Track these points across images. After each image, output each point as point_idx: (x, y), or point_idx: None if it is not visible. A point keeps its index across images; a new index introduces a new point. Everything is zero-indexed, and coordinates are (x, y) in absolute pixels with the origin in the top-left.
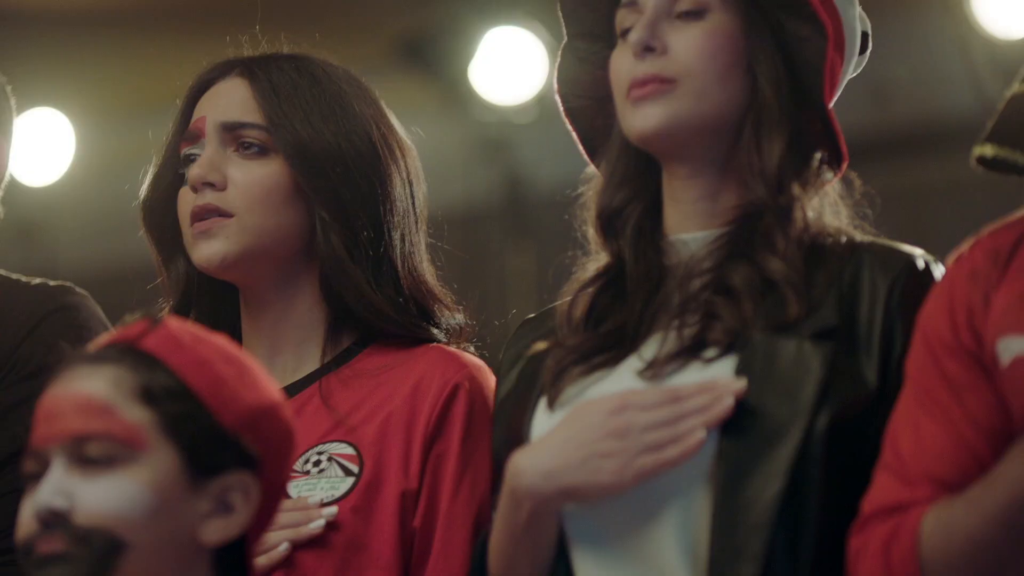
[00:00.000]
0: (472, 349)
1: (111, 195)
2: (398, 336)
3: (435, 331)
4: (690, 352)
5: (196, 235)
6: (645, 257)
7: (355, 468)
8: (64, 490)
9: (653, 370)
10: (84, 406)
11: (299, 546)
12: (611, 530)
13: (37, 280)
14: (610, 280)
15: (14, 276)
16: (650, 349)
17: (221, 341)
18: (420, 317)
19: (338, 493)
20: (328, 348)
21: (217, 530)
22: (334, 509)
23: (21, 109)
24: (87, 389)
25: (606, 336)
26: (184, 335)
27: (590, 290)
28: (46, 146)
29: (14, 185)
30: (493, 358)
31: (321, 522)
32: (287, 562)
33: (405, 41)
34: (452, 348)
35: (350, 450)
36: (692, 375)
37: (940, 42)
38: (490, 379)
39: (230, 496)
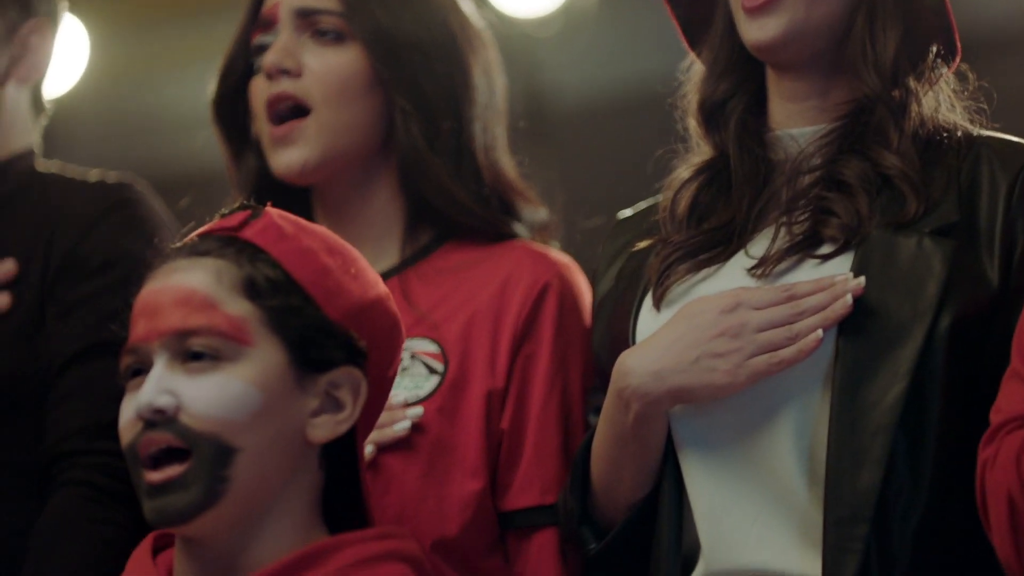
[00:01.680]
0: (558, 245)
1: (126, 103)
2: (478, 232)
3: (518, 226)
4: (803, 249)
5: (275, 141)
6: (750, 152)
7: (439, 366)
8: (168, 388)
9: (765, 268)
10: (186, 300)
11: (384, 449)
12: (722, 434)
13: (95, 177)
14: (713, 175)
15: (70, 175)
16: (759, 246)
17: (324, 230)
18: (502, 211)
19: (423, 393)
20: (407, 243)
21: (326, 427)
22: (419, 410)
23: None
24: (188, 283)
25: (712, 233)
26: (286, 224)
27: (692, 185)
28: (62, 53)
29: None
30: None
31: (407, 423)
32: (372, 465)
33: None
34: (538, 245)
35: (434, 348)
36: (806, 273)
37: None
38: (580, 278)
39: (338, 392)
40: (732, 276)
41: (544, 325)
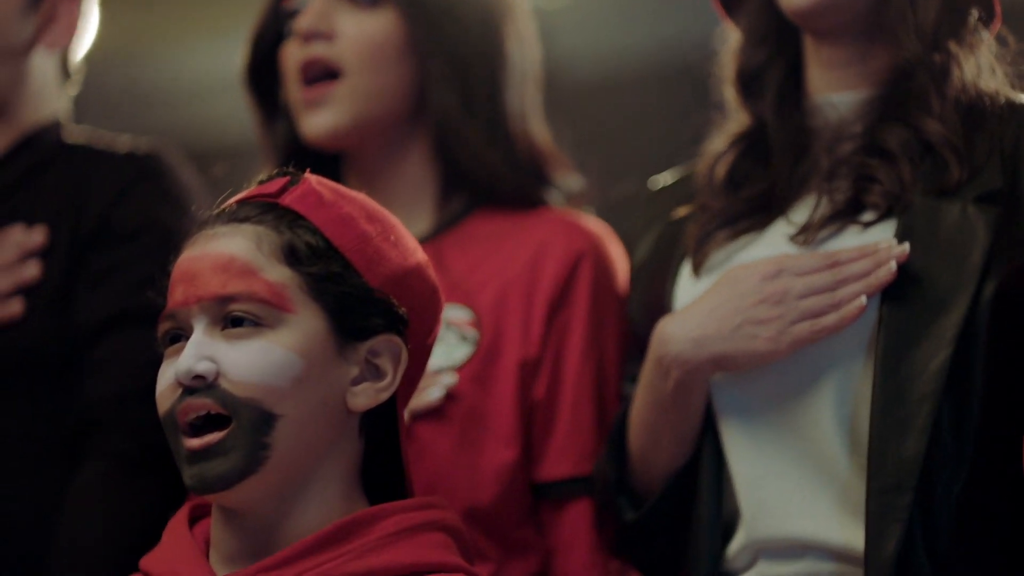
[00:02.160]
0: (592, 213)
1: (134, 73)
2: (510, 199)
3: (551, 193)
4: (846, 216)
5: (306, 105)
6: (789, 119)
7: (472, 334)
8: (208, 354)
9: (806, 235)
10: (226, 266)
11: (417, 417)
12: (762, 402)
13: (125, 146)
14: (751, 143)
15: (98, 144)
16: (800, 213)
17: (363, 197)
18: (535, 179)
19: (455, 360)
20: (439, 211)
21: (367, 395)
22: (453, 377)
23: None
24: (228, 249)
25: (752, 200)
26: (325, 191)
27: (731, 153)
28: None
29: None
30: None
31: (440, 391)
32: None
33: None
34: (572, 213)
35: (467, 315)
36: (849, 240)
37: None
38: (614, 246)
39: (378, 360)
40: (773, 243)
41: (579, 294)
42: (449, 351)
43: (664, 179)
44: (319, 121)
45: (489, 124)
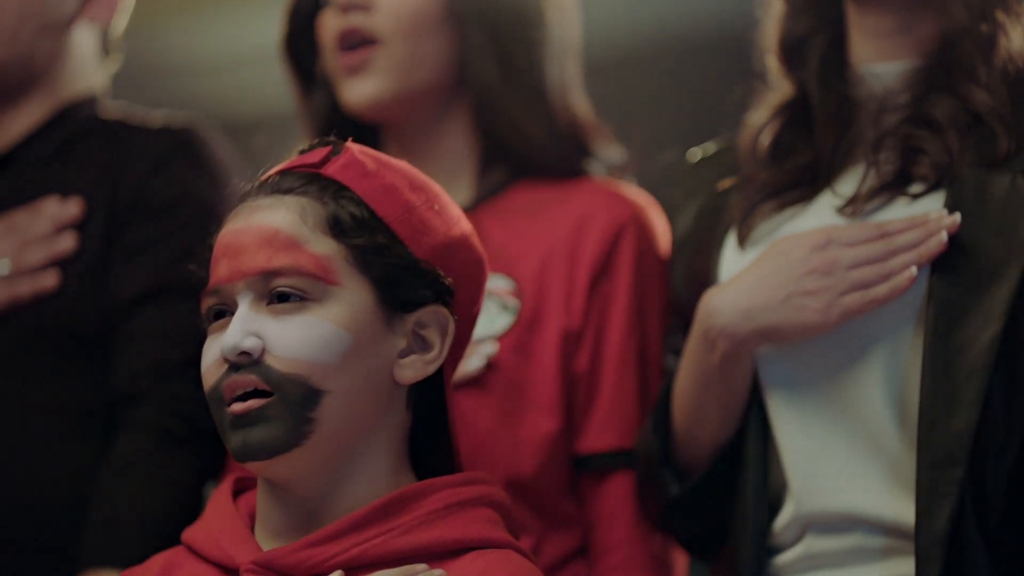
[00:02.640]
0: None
1: (165, 43)
2: (551, 170)
3: (592, 164)
4: (894, 188)
5: (346, 72)
6: (833, 89)
7: (513, 303)
8: (254, 330)
9: (854, 206)
10: (270, 240)
11: (457, 387)
12: (810, 375)
13: (160, 120)
14: (794, 113)
15: (134, 119)
16: (846, 185)
17: (406, 166)
18: (576, 150)
19: (496, 329)
20: (480, 181)
21: (414, 368)
22: (494, 346)
23: None
24: (272, 221)
25: (796, 172)
26: (368, 161)
27: (774, 124)
28: None
29: None
30: None
31: (480, 360)
32: None
33: None
34: (614, 183)
35: (508, 285)
36: (897, 212)
37: None
38: (657, 217)
39: (425, 332)
40: (820, 215)
41: (621, 265)
42: (490, 320)
43: (705, 150)
44: (361, 89)
45: (529, 95)
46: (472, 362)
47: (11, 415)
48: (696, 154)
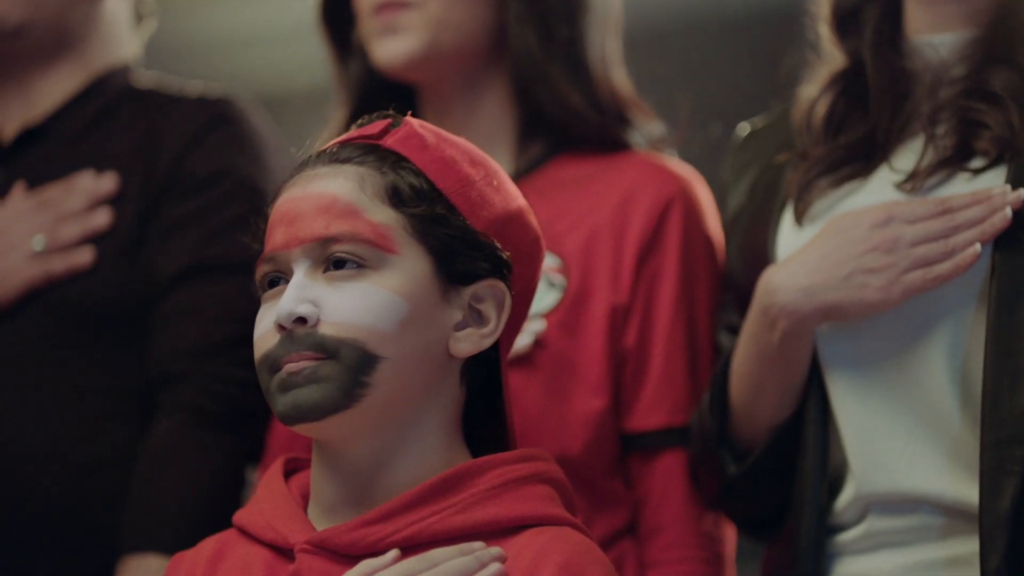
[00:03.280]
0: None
1: (193, 19)
2: (592, 143)
3: (634, 136)
4: (954, 163)
5: (379, 31)
6: (887, 61)
7: (560, 280)
8: (310, 297)
9: (914, 182)
10: (328, 207)
11: None
12: (871, 353)
13: (196, 91)
14: (847, 85)
15: (170, 91)
16: (904, 160)
17: (464, 141)
18: (618, 122)
19: (543, 306)
20: (519, 155)
21: (470, 341)
22: (541, 323)
23: None
24: (330, 189)
25: (852, 146)
26: (428, 133)
27: (827, 96)
28: None
29: None
30: None
31: (528, 338)
32: None
33: None
34: (659, 157)
35: (554, 261)
36: (958, 187)
37: None
38: (704, 190)
39: (482, 306)
40: (879, 190)
41: (669, 240)
42: (537, 298)
43: (754, 124)
44: (393, 47)
45: (570, 66)
46: (520, 340)
47: (46, 395)
48: (745, 128)
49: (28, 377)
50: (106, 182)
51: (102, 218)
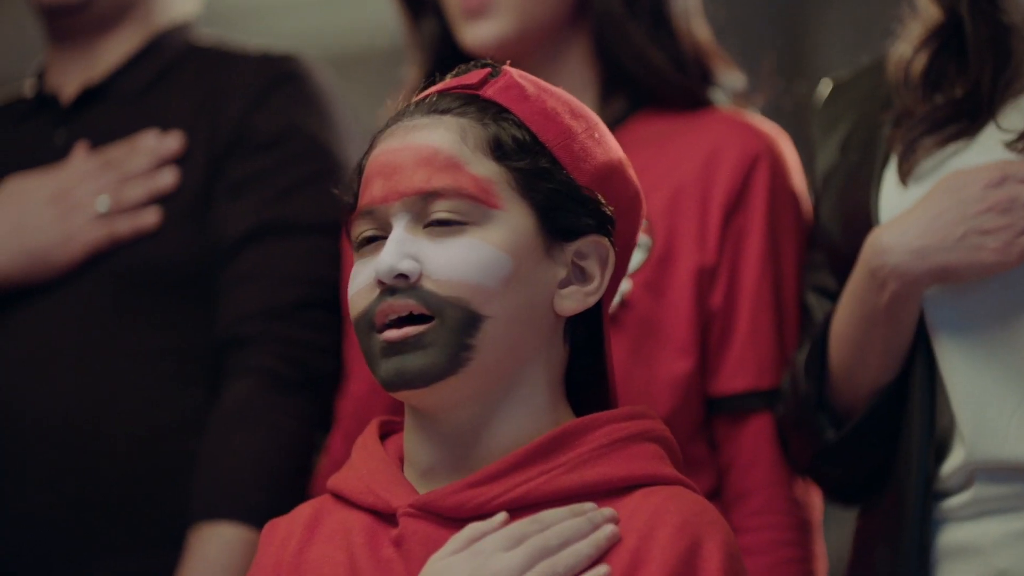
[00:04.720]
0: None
1: None
2: (674, 100)
3: (717, 93)
4: None
5: (466, 16)
6: (985, 15)
7: (645, 240)
8: (410, 252)
9: None
10: (429, 160)
11: None
12: (983, 316)
13: (258, 49)
14: (945, 41)
15: (230, 48)
16: (1011, 119)
17: (564, 92)
18: (700, 79)
19: (630, 266)
20: (601, 112)
21: (575, 299)
22: (627, 284)
23: None
24: (431, 141)
25: (955, 104)
26: (528, 84)
27: (924, 52)
28: None
29: None
30: None
31: (615, 298)
32: None
33: None
34: (743, 114)
35: None
36: None
37: None
38: (789, 147)
39: (585, 262)
40: (988, 150)
41: (756, 198)
42: None
43: (839, 77)
44: (484, 31)
45: (652, 22)
46: None
47: (111, 360)
48: (828, 84)
49: (93, 342)
50: (171, 141)
51: (167, 178)
